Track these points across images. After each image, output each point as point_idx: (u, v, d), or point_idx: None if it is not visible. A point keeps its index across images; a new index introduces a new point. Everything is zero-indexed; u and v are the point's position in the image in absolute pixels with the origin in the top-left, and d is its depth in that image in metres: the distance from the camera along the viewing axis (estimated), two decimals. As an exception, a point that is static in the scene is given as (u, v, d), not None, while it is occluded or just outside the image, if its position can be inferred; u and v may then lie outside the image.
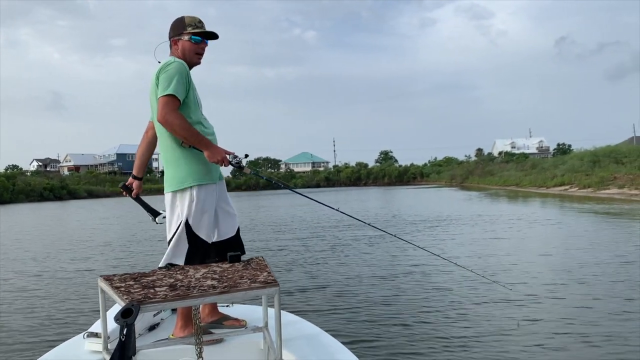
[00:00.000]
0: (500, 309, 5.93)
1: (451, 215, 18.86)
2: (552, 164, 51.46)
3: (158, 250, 11.78)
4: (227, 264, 2.33)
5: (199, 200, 2.71)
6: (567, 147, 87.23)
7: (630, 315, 5.47)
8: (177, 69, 2.69)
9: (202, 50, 2.89)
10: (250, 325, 2.73)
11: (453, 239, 12.13)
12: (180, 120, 2.63)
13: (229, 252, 2.49)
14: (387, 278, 7.92)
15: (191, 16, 2.90)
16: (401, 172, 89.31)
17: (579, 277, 7.25)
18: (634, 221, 15.05)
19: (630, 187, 29.51)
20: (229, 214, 2.93)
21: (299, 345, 2.47)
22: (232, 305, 3.09)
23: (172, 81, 2.64)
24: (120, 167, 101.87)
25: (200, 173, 2.73)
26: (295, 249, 11.31)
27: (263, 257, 2.40)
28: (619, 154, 40.80)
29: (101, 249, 12.74)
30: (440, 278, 7.70)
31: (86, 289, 7.85)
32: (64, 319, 6.17)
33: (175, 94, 2.64)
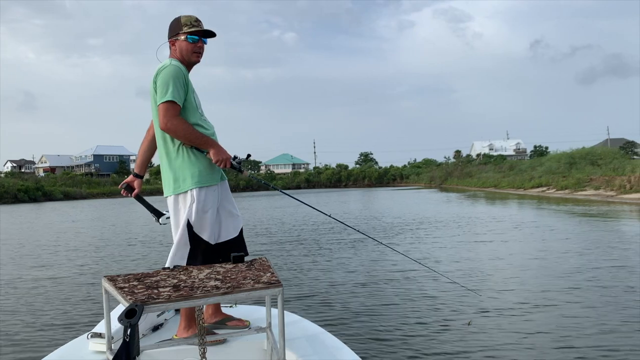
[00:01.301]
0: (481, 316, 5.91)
1: (432, 217, 18.95)
2: (529, 165, 52.23)
3: (161, 250, 11.89)
4: (231, 264, 2.33)
5: (199, 202, 2.71)
6: (544, 149, 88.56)
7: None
8: (171, 73, 2.68)
9: (200, 49, 2.87)
10: (253, 325, 2.74)
11: (435, 243, 12.16)
12: (182, 125, 2.64)
13: (232, 253, 2.48)
14: (390, 279, 7.95)
15: (187, 15, 2.88)
16: (381, 173, 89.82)
17: (571, 283, 7.16)
18: (617, 222, 15.33)
19: (606, 189, 30.04)
20: (232, 214, 2.91)
21: (302, 345, 2.48)
22: (236, 306, 3.10)
23: (169, 87, 2.64)
24: (97, 169, 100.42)
25: (200, 175, 2.73)
26: (278, 252, 11.21)
27: (266, 258, 2.40)
28: (595, 155, 41.62)
29: (103, 249, 12.75)
30: (438, 283, 7.70)
31: (90, 289, 7.88)
32: (67, 319, 6.20)
33: (174, 100, 2.64)
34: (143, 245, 13.34)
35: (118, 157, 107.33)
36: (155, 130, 2.82)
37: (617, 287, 6.68)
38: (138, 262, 10.65)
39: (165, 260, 2.77)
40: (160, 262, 9.69)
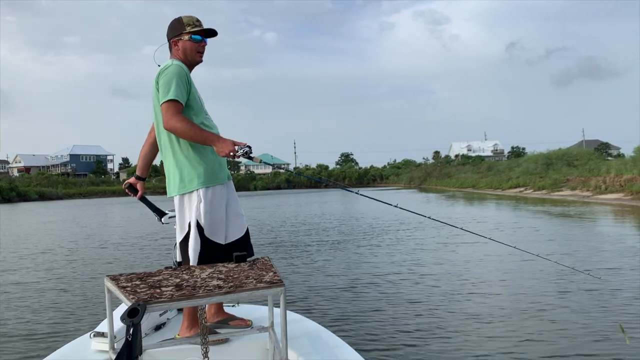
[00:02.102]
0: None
1: (412, 217, 19.00)
2: (507, 166, 52.94)
3: (163, 250, 11.92)
4: (233, 264, 2.32)
5: (207, 201, 2.70)
6: (521, 150, 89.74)
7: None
8: (175, 72, 2.68)
9: (203, 48, 2.88)
10: (255, 325, 2.74)
11: (419, 244, 12.17)
12: (184, 123, 2.63)
13: (238, 252, 2.47)
14: (390, 278, 7.98)
15: (188, 16, 2.89)
16: (361, 174, 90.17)
17: (558, 287, 7.10)
18: (595, 223, 15.59)
19: (582, 189, 30.58)
20: (238, 214, 2.90)
21: (305, 345, 2.49)
22: (238, 305, 3.10)
23: (171, 86, 2.65)
24: (74, 169, 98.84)
25: (206, 175, 2.73)
26: (278, 252, 11.13)
27: (269, 257, 2.39)
28: (571, 156, 42.34)
29: (106, 249, 12.76)
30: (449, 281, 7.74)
31: (92, 288, 7.88)
32: (70, 318, 6.23)
33: (177, 98, 2.64)
34: (146, 245, 13.37)
35: (95, 157, 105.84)
36: (159, 130, 2.81)
37: (603, 289, 6.70)
38: (139, 261, 10.66)
39: (167, 261, 2.73)
40: (162, 261, 9.74)
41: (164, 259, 10.21)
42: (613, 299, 6.20)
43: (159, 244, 13.45)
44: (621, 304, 5.95)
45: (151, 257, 11.06)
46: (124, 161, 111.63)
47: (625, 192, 25.46)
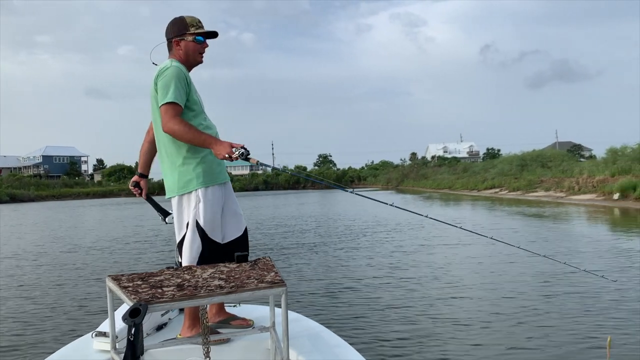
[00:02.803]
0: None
1: (390, 218, 19.15)
2: (482, 167, 53.69)
3: (164, 250, 11.92)
4: (234, 264, 2.33)
5: (206, 202, 2.73)
6: (496, 151, 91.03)
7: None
8: (174, 74, 2.69)
9: (204, 50, 2.91)
10: (257, 325, 2.75)
11: (399, 245, 12.26)
12: (182, 125, 2.63)
13: (236, 252, 2.49)
14: (392, 278, 7.99)
15: (191, 16, 2.89)
16: (339, 175, 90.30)
17: (542, 291, 7.02)
18: (570, 224, 15.90)
19: (556, 190, 31.16)
20: (236, 214, 2.93)
21: (306, 345, 2.50)
22: (240, 305, 3.11)
23: (170, 88, 2.66)
24: (47, 170, 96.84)
25: (205, 175, 2.75)
26: (278, 251, 11.04)
27: (270, 257, 2.40)
28: (545, 158, 43.15)
29: (108, 249, 12.78)
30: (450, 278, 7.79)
31: (94, 288, 7.90)
32: (72, 318, 6.23)
33: (175, 101, 2.65)
34: (146, 245, 13.39)
35: (69, 158, 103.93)
36: (157, 131, 2.82)
37: (587, 292, 6.75)
38: (141, 261, 10.59)
39: (168, 260, 2.73)
40: (162, 261, 9.71)
41: (165, 259, 10.23)
42: (598, 303, 6.08)
43: (160, 244, 13.50)
44: (607, 309, 5.79)
45: (153, 257, 11.04)
46: (98, 162, 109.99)
47: (597, 192, 26.03)
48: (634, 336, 4.70)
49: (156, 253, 11.73)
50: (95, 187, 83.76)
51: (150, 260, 10.61)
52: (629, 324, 5.17)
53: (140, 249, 12.63)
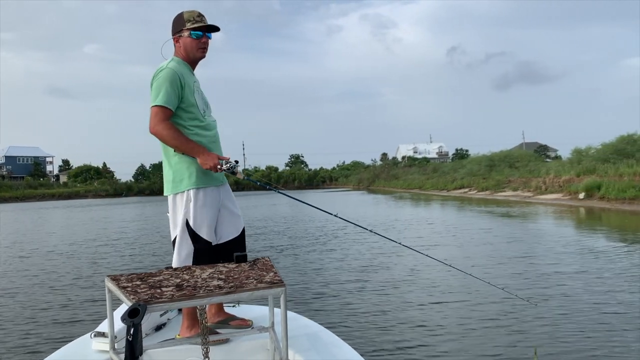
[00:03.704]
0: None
1: (362, 219, 19.25)
2: (452, 168, 54.49)
3: (164, 250, 12.00)
4: (233, 264, 2.33)
5: (197, 202, 2.72)
6: (465, 152, 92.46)
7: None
8: (166, 77, 2.68)
9: (204, 44, 2.86)
10: (256, 325, 2.76)
11: (373, 246, 12.31)
12: (168, 130, 2.65)
13: (233, 252, 2.50)
14: (392, 277, 8.00)
15: (189, 11, 2.85)
16: (311, 175, 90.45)
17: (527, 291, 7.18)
18: (539, 222, 16.23)
19: (523, 190, 31.84)
20: (233, 214, 2.92)
21: (305, 345, 2.51)
22: (239, 305, 3.11)
23: (161, 91, 2.65)
24: (9, 171, 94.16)
25: (197, 176, 2.74)
26: (277, 251, 10.94)
27: (269, 258, 2.40)
28: (512, 158, 44.01)
29: (108, 249, 12.83)
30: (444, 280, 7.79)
31: (93, 288, 7.89)
32: (71, 318, 6.25)
33: (164, 105, 2.65)
34: (146, 245, 13.40)
35: (33, 159, 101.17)
36: None
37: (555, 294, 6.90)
38: (141, 261, 10.68)
39: (167, 260, 2.70)
40: (165, 261, 9.60)
41: (165, 259, 10.22)
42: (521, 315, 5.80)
43: (160, 244, 13.44)
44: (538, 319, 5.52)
45: (152, 257, 11.07)
46: (64, 163, 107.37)
47: (564, 192, 26.70)
48: (559, 346, 4.64)
49: (155, 253, 11.79)
50: (61, 188, 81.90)
51: (150, 260, 10.67)
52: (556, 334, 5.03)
53: (139, 249, 12.62)
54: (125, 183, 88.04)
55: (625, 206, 20.34)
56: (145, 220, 23.95)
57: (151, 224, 20.96)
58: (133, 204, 48.04)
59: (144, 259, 10.97)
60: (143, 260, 10.72)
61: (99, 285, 7.93)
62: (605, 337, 4.80)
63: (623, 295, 6.32)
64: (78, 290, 7.83)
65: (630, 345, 4.56)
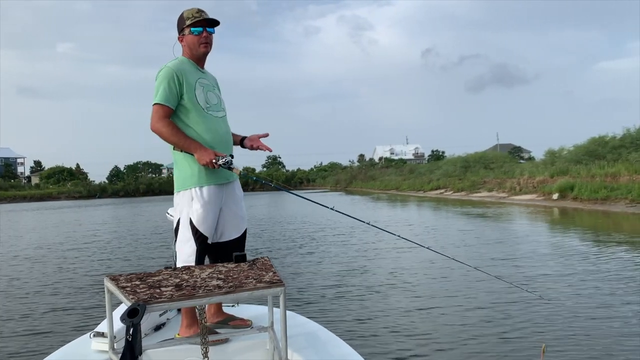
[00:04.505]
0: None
1: (343, 220, 19.27)
2: (428, 169, 55.03)
3: (163, 250, 12.01)
4: (233, 264, 2.32)
5: (199, 200, 2.75)
6: (441, 153, 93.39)
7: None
8: (164, 76, 2.75)
9: (206, 39, 2.88)
10: (255, 325, 2.76)
11: (359, 248, 12.36)
12: (166, 128, 2.71)
13: (233, 252, 2.50)
14: (393, 279, 8.00)
15: (189, 9, 2.89)
16: (288, 177, 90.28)
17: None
18: (513, 222, 16.53)
19: (498, 190, 32.33)
20: (236, 215, 2.93)
21: (305, 345, 2.52)
22: (238, 305, 3.12)
23: (159, 89, 2.73)
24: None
25: (200, 174, 2.77)
26: (276, 251, 10.87)
27: (268, 257, 2.40)
28: (487, 159, 44.63)
29: (107, 249, 12.92)
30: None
31: (92, 288, 7.94)
32: (70, 318, 6.27)
33: (163, 103, 2.72)
34: (145, 245, 13.45)
35: (3, 160, 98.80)
36: None
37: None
38: (140, 261, 10.75)
39: (168, 260, 2.69)
40: (164, 261, 9.59)
41: (164, 259, 10.17)
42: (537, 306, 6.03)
43: (159, 244, 13.41)
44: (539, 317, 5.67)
45: (151, 257, 11.08)
46: (36, 164, 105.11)
47: (538, 193, 27.20)
48: (568, 343, 4.76)
49: (154, 253, 11.82)
50: (33, 189, 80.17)
51: (148, 260, 10.68)
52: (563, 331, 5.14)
53: (138, 249, 12.64)
54: (99, 184, 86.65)
55: (598, 206, 20.84)
56: (133, 221, 23.63)
57: (143, 225, 20.70)
58: (107, 205, 47.33)
59: (142, 259, 10.97)
60: (141, 260, 10.76)
61: (99, 286, 7.90)
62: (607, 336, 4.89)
63: (611, 297, 6.44)
64: (77, 291, 7.86)
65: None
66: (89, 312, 6.50)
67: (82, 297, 7.44)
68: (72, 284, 8.49)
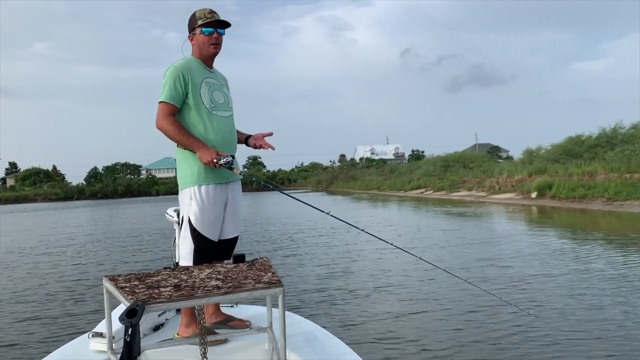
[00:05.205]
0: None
1: (324, 220, 19.28)
2: (408, 168, 55.41)
3: (163, 250, 12.03)
4: (232, 264, 2.33)
5: (198, 199, 2.79)
6: (421, 153, 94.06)
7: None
8: (170, 75, 2.80)
9: (216, 40, 2.93)
10: (254, 325, 2.76)
11: (347, 249, 12.36)
12: (170, 126, 2.76)
13: (229, 252, 2.57)
14: (393, 280, 7.96)
15: (201, 9, 2.94)
16: (269, 177, 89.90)
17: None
18: (494, 221, 16.70)
19: (477, 190, 32.69)
20: (235, 215, 2.97)
21: (304, 345, 2.53)
22: (237, 306, 3.12)
23: (165, 88, 2.78)
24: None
25: (200, 174, 2.81)
26: (275, 251, 10.79)
27: (267, 258, 2.40)
28: (466, 159, 45.14)
29: (106, 249, 12.92)
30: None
31: (91, 289, 7.99)
32: (69, 318, 6.29)
33: (166, 101, 2.77)
34: (144, 245, 13.33)
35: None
36: None
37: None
38: (140, 260, 10.77)
39: (168, 259, 2.68)
40: (163, 261, 9.53)
41: (163, 259, 10.12)
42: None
43: (158, 244, 13.31)
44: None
45: (150, 257, 11.04)
46: (11, 166, 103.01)
47: (517, 192, 27.58)
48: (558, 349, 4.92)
49: (153, 253, 11.75)
50: (8, 192, 78.67)
51: (148, 260, 10.68)
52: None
53: (137, 250, 12.56)
54: (77, 186, 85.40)
55: (575, 204, 21.21)
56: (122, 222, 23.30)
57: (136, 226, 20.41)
58: (85, 207, 46.63)
59: (140, 260, 10.92)
60: (138, 261, 10.76)
61: (98, 286, 7.86)
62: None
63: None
64: (77, 290, 7.91)
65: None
66: (88, 312, 6.51)
67: (81, 296, 7.44)
68: (74, 282, 8.53)
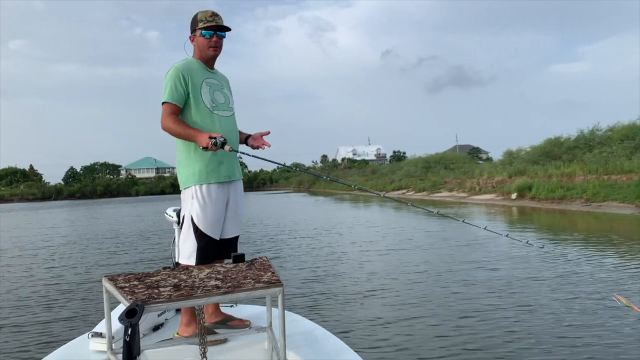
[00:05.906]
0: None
1: (310, 220, 19.28)
2: (390, 169, 55.69)
3: (162, 250, 12.10)
4: (231, 264, 2.33)
5: (199, 199, 2.82)
6: (402, 154, 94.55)
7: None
8: (170, 76, 2.86)
9: (215, 43, 2.97)
10: (254, 325, 2.77)
11: (342, 252, 12.35)
12: (172, 124, 2.80)
13: (230, 251, 2.56)
14: (393, 279, 7.98)
15: (203, 11, 2.98)
16: (251, 178, 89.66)
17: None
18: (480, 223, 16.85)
19: (458, 190, 32.99)
20: (236, 214, 2.99)
21: (304, 345, 2.54)
22: (236, 306, 3.13)
23: (166, 88, 2.85)
24: None
25: (200, 173, 2.84)
26: (274, 251, 10.66)
27: (267, 257, 2.39)
28: (447, 160, 45.54)
29: (105, 249, 12.95)
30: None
31: (91, 289, 8.02)
32: (68, 318, 6.32)
33: (168, 101, 2.83)
34: (144, 245, 13.35)
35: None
36: None
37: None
38: (139, 260, 10.83)
39: (167, 259, 2.77)
40: (162, 261, 9.56)
41: (163, 260, 10.09)
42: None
43: (157, 244, 13.29)
44: None
45: (149, 257, 11.02)
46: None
47: (497, 192, 27.89)
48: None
49: (153, 253, 11.76)
50: (-9, 194, 77.07)
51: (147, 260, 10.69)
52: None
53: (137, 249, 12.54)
54: (55, 186, 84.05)
55: (555, 205, 21.52)
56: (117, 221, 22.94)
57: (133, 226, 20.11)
58: (63, 207, 45.91)
59: (141, 261, 10.90)
60: (136, 262, 10.74)
61: (97, 286, 7.85)
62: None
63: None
64: (76, 290, 7.93)
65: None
66: (87, 312, 6.53)
67: (81, 296, 7.43)
68: (74, 283, 8.56)
